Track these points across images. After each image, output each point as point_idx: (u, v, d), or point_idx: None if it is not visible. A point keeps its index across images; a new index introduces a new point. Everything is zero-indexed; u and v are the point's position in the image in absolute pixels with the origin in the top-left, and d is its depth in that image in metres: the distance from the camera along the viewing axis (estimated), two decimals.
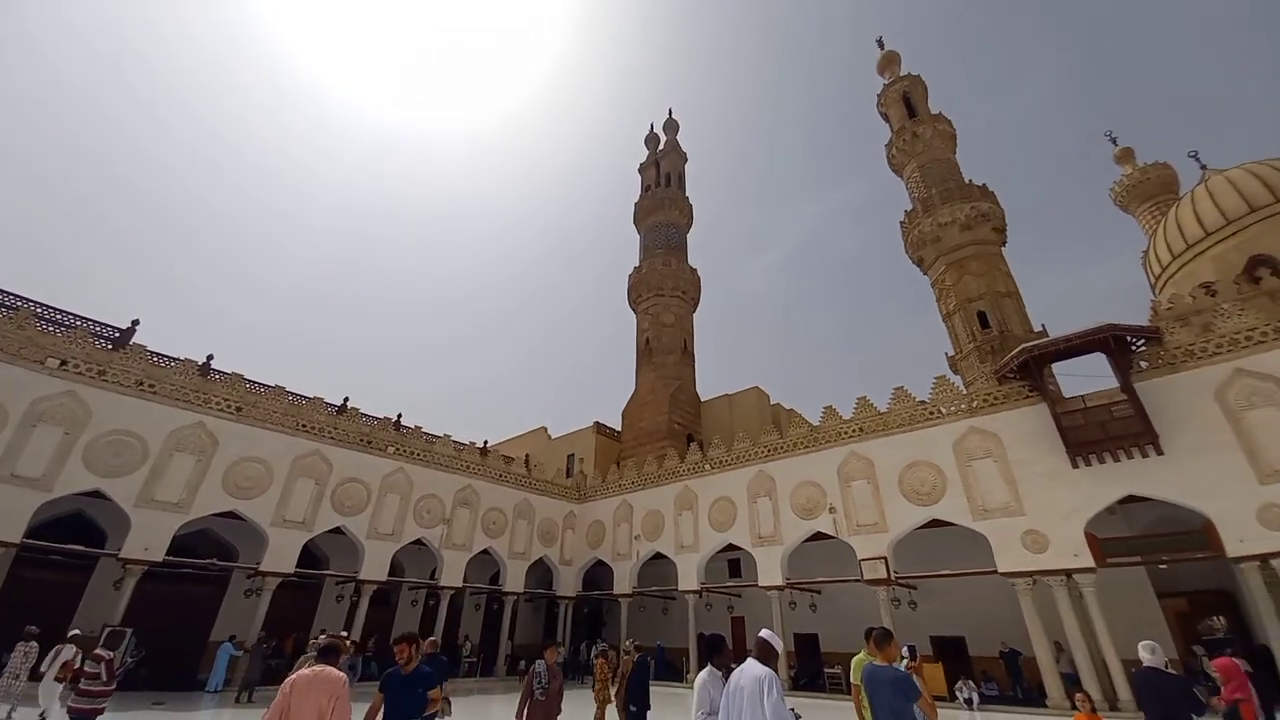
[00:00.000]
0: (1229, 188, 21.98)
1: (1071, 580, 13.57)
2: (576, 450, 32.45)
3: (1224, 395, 12.76)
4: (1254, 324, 12.95)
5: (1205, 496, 12.38)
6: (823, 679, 18.04)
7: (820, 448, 18.99)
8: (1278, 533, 11.44)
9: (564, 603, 24.29)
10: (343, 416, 19.65)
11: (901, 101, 32.89)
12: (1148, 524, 14.90)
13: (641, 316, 36.01)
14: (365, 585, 18.37)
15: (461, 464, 22.38)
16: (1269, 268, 18.52)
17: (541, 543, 24.11)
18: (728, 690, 3.30)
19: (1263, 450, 12.00)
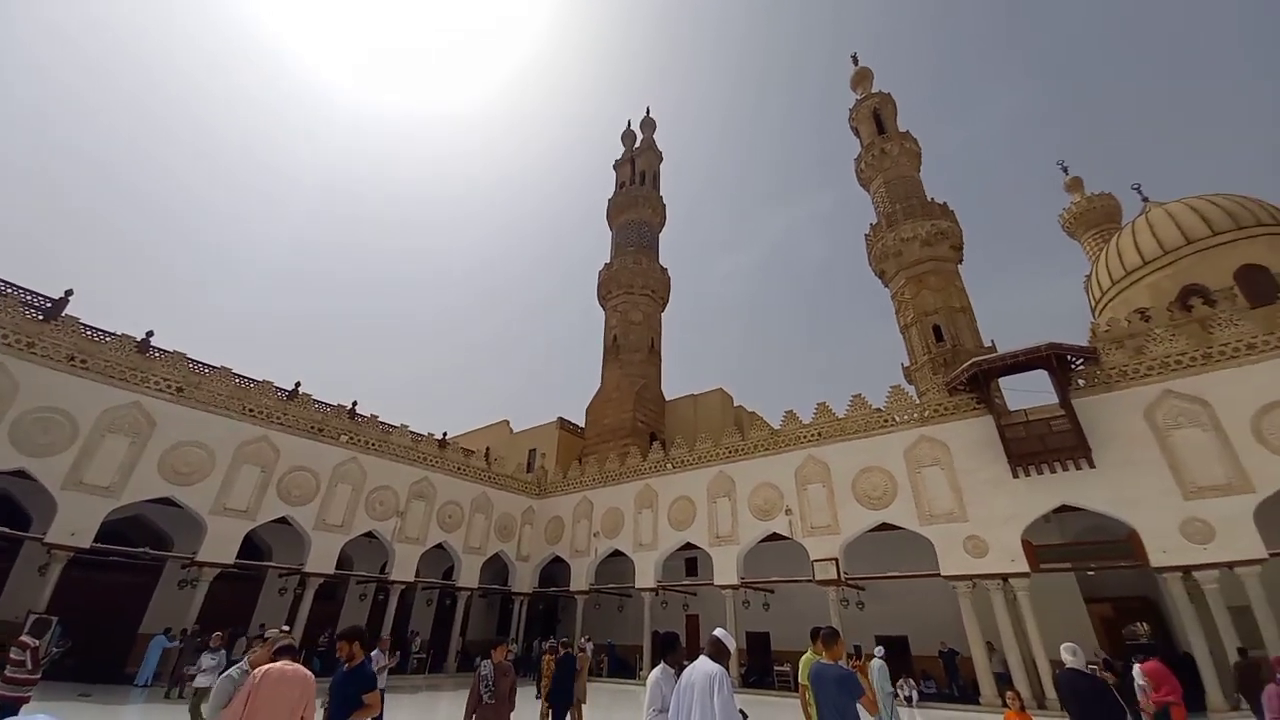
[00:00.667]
0: (1167, 220, 23.53)
1: (1008, 584, 14.28)
2: (539, 445, 32.14)
3: (1153, 414, 13.66)
4: (1183, 349, 13.91)
5: (1132, 508, 13.23)
6: (772, 676, 18.44)
7: (780, 450, 19.38)
8: (1199, 546, 12.31)
9: (519, 599, 24.03)
10: (293, 402, 18.88)
11: (872, 118, 33.86)
12: (1078, 533, 15.81)
13: (610, 313, 35.95)
14: (311, 578, 17.71)
15: (419, 455, 21.83)
16: (1200, 297, 19.92)
17: (499, 538, 23.78)
18: (679, 687, 3.33)
19: (1187, 467, 12.90)
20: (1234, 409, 12.74)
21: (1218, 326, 13.80)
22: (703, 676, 3.19)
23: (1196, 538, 12.34)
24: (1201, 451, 12.83)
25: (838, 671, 3.85)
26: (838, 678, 3.82)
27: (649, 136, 45.80)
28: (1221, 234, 21.66)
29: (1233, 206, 22.29)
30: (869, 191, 32.75)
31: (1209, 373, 13.34)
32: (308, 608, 17.30)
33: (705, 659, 3.33)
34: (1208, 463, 12.68)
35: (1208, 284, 20.63)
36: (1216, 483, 12.47)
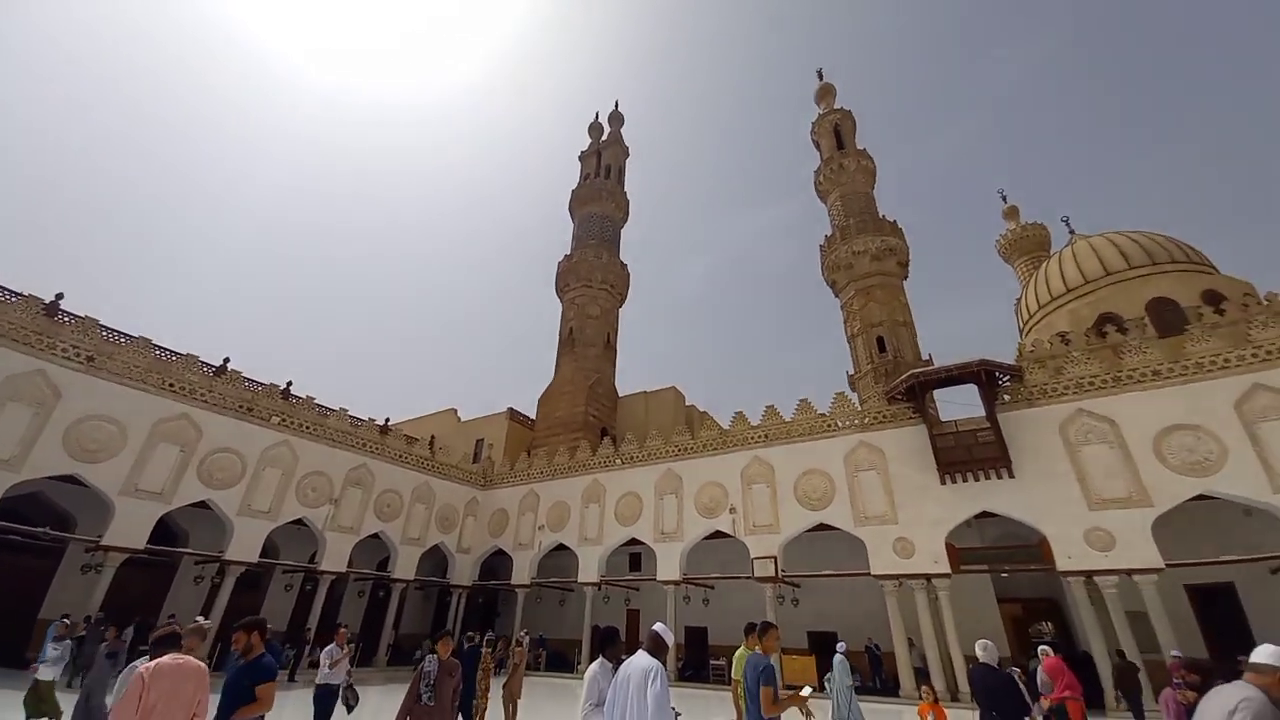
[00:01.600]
0: (1090, 252, 25.47)
1: (930, 584, 15.14)
2: (487, 435, 31.47)
3: (1066, 430, 14.79)
4: (1096, 372, 15.13)
5: (1043, 516, 14.29)
6: (708, 670, 18.83)
7: (728, 450, 19.76)
8: (1100, 553, 13.43)
9: (458, 592, 23.48)
10: (221, 379, 17.69)
11: (832, 132, 34.96)
12: (995, 538, 16.94)
13: (567, 306, 35.58)
14: (231, 566, 16.67)
15: (357, 441, 20.93)
16: (1115, 325, 21.66)
17: (439, 529, 23.14)
18: (615, 681, 3.33)
19: (1093, 480, 14.05)
20: (1138, 429, 13.97)
21: (1128, 353, 15.10)
22: (639, 671, 3.20)
23: (1099, 545, 13.47)
24: (1107, 466, 14.01)
25: (757, 660, 4.02)
26: (753, 664, 4.01)
27: (616, 130, 45.56)
28: (1137, 268, 23.65)
29: (1148, 243, 24.38)
30: (826, 204, 33.82)
31: (1118, 395, 14.56)
32: (227, 598, 16.28)
33: (643, 653, 3.35)
34: (1112, 477, 13.86)
35: (1122, 313, 22.48)
36: (1119, 496, 13.65)
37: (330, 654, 7.56)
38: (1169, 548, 13.06)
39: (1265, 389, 12.96)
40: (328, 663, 7.38)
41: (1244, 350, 13.58)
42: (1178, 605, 14.37)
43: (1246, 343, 13.67)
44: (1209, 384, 13.63)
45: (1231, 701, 1.93)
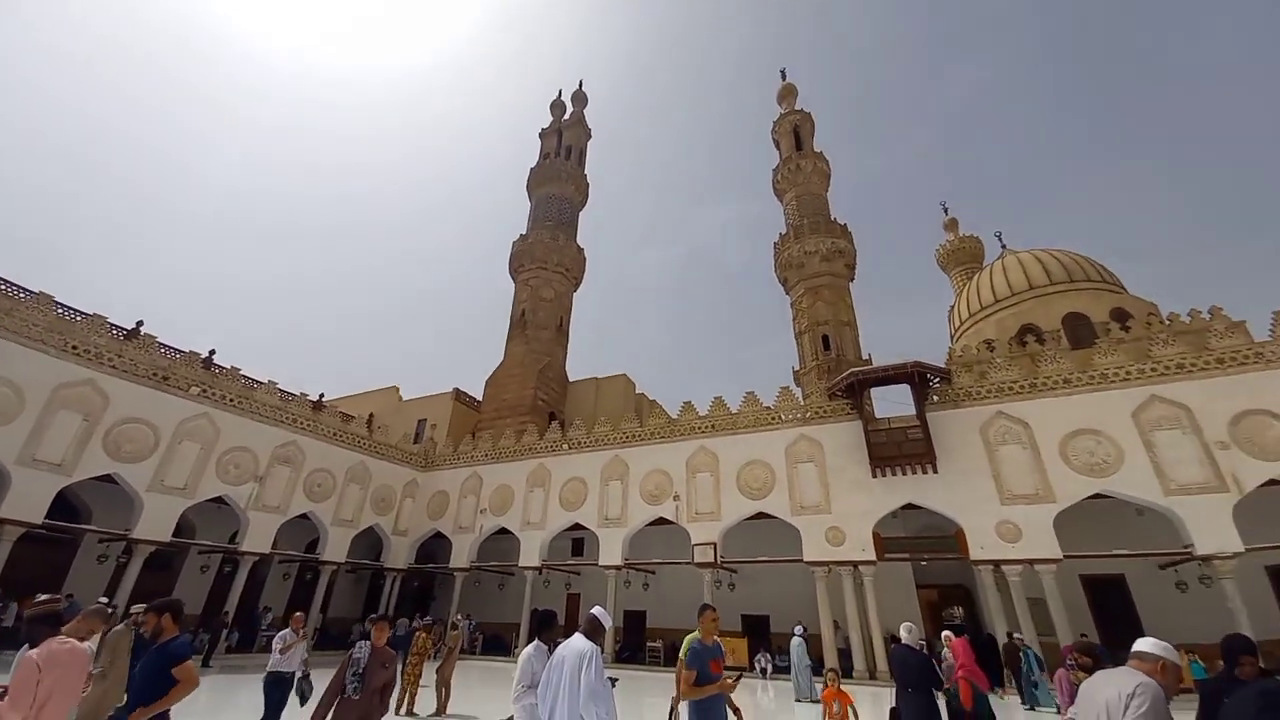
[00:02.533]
0: (1018, 266, 27.29)
1: (857, 570, 16.01)
2: (430, 415, 30.52)
3: (986, 431, 15.89)
4: (1015, 378, 16.30)
5: (961, 510, 15.36)
6: (644, 653, 19.21)
7: (675, 439, 20.05)
8: (1009, 544, 14.58)
9: (392, 575, 22.81)
10: (133, 343, 16.26)
11: (792, 133, 35.66)
12: (918, 529, 18.05)
13: (520, 287, 34.84)
14: (140, 545, 15.49)
15: (288, 416, 19.82)
16: (1034, 335, 23.41)
17: (375, 510, 22.33)
18: (550, 663, 3.33)
19: (1006, 478, 15.19)
20: (1048, 432, 15.19)
21: (1044, 362, 16.35)
22: (575, 653, 3.21)
23: (1007, 537, 14.62)
24: (1019, 465, 15.18)
25: (689, 641, 4.07)
26: (686, 643, 4.12)
27: (580, 111, 44.67)
28: (1057, 284, 25.56)
29: (1068, 261, 26.38)
30: (782, 203, 34.56)
31: (1033, 400, 15.76)
32: (134, 578, 15.13)
33: (579, 636, 3.35)
34: (1022, 475, 15.04)
35: (1041, 325, 24.29)
36: (1027, 492, 14.83)
37: (284, 638, 6.93)
38: (1068, 541, 14.33)
39: (1161, 400, 14.38)
40: (279, 648, 6.78)
41: (1144, 364, 14.98)
42: (1074, 594, 15.84)
43: (1147, 358, 15.09)
44: (1111, 393, 14.97)
45: (1129, 686, 2.13)
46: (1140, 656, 2.30)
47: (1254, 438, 13.26)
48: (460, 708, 9.86)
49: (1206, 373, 14.29)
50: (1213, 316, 16.11)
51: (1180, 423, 14.01)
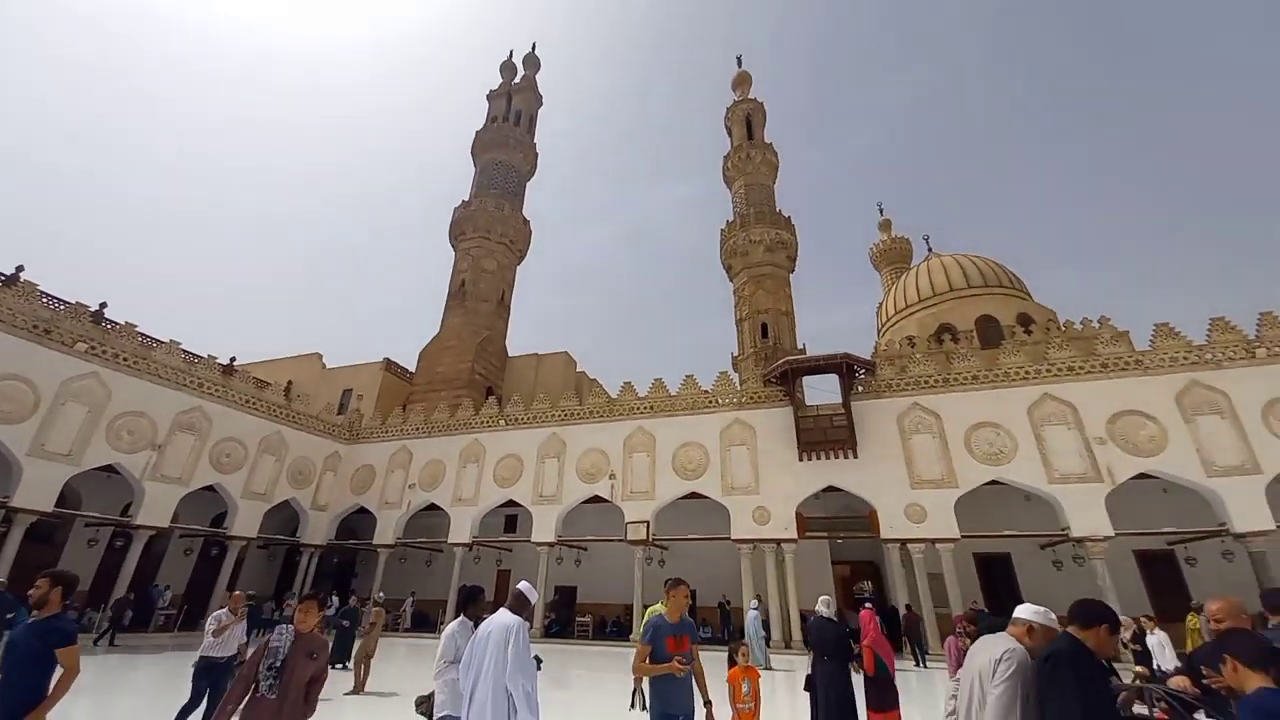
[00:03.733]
0: (940, 269, 29.18)
1: (780, 548, 16.89)
2: (356, 386, 29.01)
3: (902, 421, 17.06)
4: (930, 373, 17.54)
5: (875, 492, 16.49)
6: (573, 627, 19.48)
7: (614, 419, 20.16)
8: (915, 524, 15.82)
9: (309, 551, 21.71)
10: (11, 291, 14.31)
11: (744, 121, 36.02)
12: (836, 509, 19.20)
13: (461, 256, 33.47)
14: (19, 515, 13.88)
15: (193, 380, 18.21)
16: (950, 334, 25.22)
17: (292, 484, 21.07)
18: (474, 638, 3.28)
19: (917, 464, 16.42)
20: (955, 423, 16.50)
21: (956, 359, 17.68)
22: (500, 628, 3.18)
23: (914, 518, 15.87)
24: (928, 453, 16.45)
25: (649, 617, 4.00)
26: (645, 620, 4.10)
27: (531, 76, 42.94)
28: (973, 288, 27.59)
29: (984, 267, 28.49)
30: (730, 190, 35.01)
31: (944, 394, 17.04)
32: (14, 550, 13.58)
33: (505, 611, 3.32)
34: (930, 462, 16.31)
35: (957, 325, 26.19)
36: (934, 478, 16.12)
37: (218, 619, 6.08)
38: (965, 522, 15.74)
39: (1052, 399, 15.94)
40: (212, 629, 5.98)
41: (1041, 366, 16.53)
42: (967, 570, 17.47)
43: (1044, 360, 16.64)
44: (1011, 391, 16.44)
45: (997, 651, 2.38)
46: (1015, 622, 2.56)
47: (1128, 435, 15.01)
48: (380, 685, 9.62)
49: (1092, 375, 15.96)
50: (1101, 326, 17.94)
51: (1066, 419, 15.63)
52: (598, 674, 12.66)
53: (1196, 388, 14.89)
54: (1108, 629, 2.27)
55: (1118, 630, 2.37)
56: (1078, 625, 2.30)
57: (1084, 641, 2.23)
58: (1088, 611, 2.33)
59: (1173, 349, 15.51)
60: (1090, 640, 2.24)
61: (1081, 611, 2.35)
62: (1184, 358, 15.31)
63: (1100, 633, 2.25)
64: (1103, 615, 2.30)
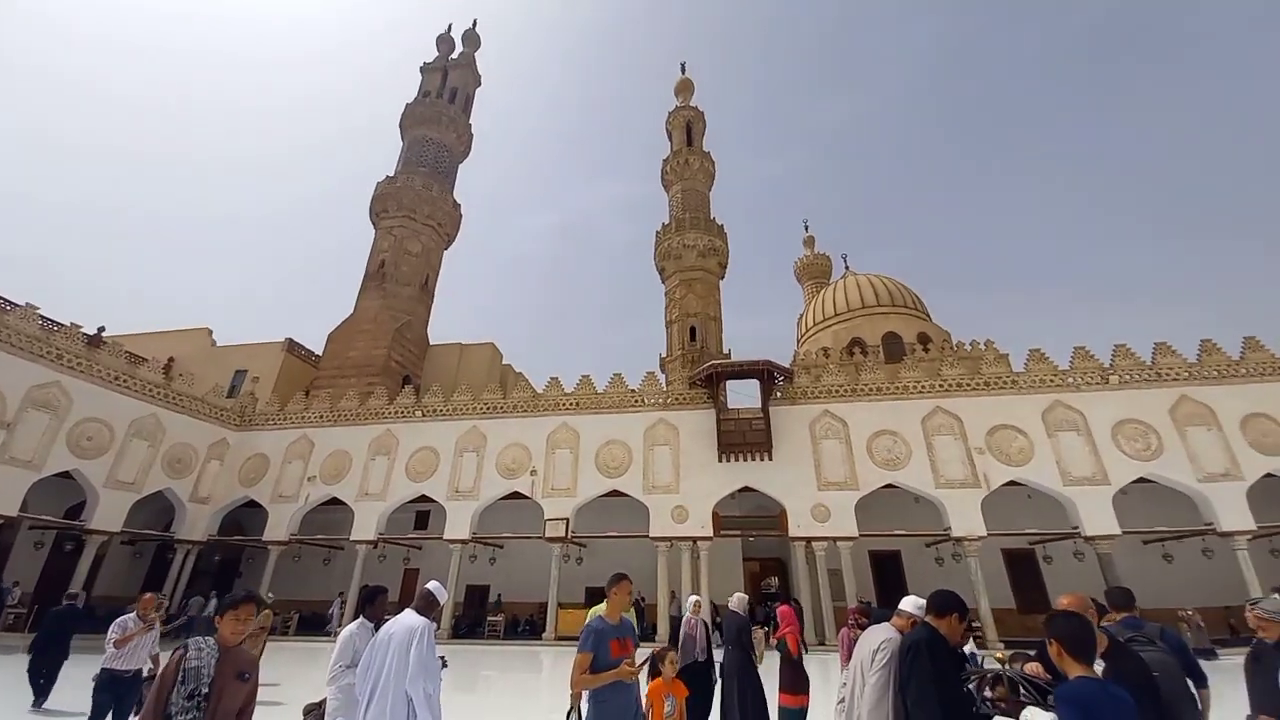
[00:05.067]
0: (854, 287, 31.28)
1: (696, 545, 17.37)
2: (252, 367, 26.47)
3: (814, 427, 18.11)
4: (841, 382, 18.75)
5: (786, 493, 17.38)
6: (484, 627, 18.93)
7: (538, 414, 19.81)
8: (820, 524, 16.82)
9: (186, 548, 19.54)
10: None
11: (684, 127, 36.68)
12: (750, 509, 20.03)
13: (382, 235, 31.48)
14: None
15: (50, 350, 15.86)
16: (860, 348, 27.10)
17: (167, 472, 18.88)
18: (374, 641, 3.09)
19: (825, 468, 17.48)
20: (860, 430, 17.74)
21: (864, 372, 19.03)
22: (404, 630, 3.02)
23: (819, 518, 16.89)
24: (835, 457, 17.57)
25: (589, 621, 3.69)
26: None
27: (470, 53, 41.21)
28: (882, 306, 29.84)
29: (893, 287, 30.88)
30: (668, 194, 35.52)
31: (852, 403, 18.27)
32: None
33: (410, 612, 3.16)
34: (836, 465, 17.43)
35: (867, 340, 28.22)
36: (838, 480, 17.24)
37: (122, 626, 5.12)
38: (863, 522, 16.97)
39: (942, 411, 17.55)
40: (114, 639, 5.02)
41: (935, 381, 18.15)
42: (862, 566, 18.83)
43: (937, 376, 18.29)
44: (908, 403, 17.93)
45: (876, 641, 2.59)
46: (899, 614, 2.80)
47: (1003, 447, 16.84)
48: (267, 693, 8.84)
49: (976, 392, 17.75)
50: (986, 348, 19.98)
51: (953, 430, 17.28)
52: (506, 674, 12.41)
53: (1059, 407, 16.98)
54: (957, 617, 2.54)
55: (966, 617, 2.66)
56: (934, 614, 2.55)
57: (938, 629, 2.48)
58: (941, 601, 2.59)
59: (1041, 372, 17.60)
60: (943, 628, 2.49)
61: (936, 601, 2.60)
62: (1050, 380, 17.41)
63: (952, 620, 2.51)
64: (953, 605, 2.56)
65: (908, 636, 2.47)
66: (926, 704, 2.21)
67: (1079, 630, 2.10)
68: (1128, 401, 16.71)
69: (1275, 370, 16.39)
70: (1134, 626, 3.17)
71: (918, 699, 2.24)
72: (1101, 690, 1.91)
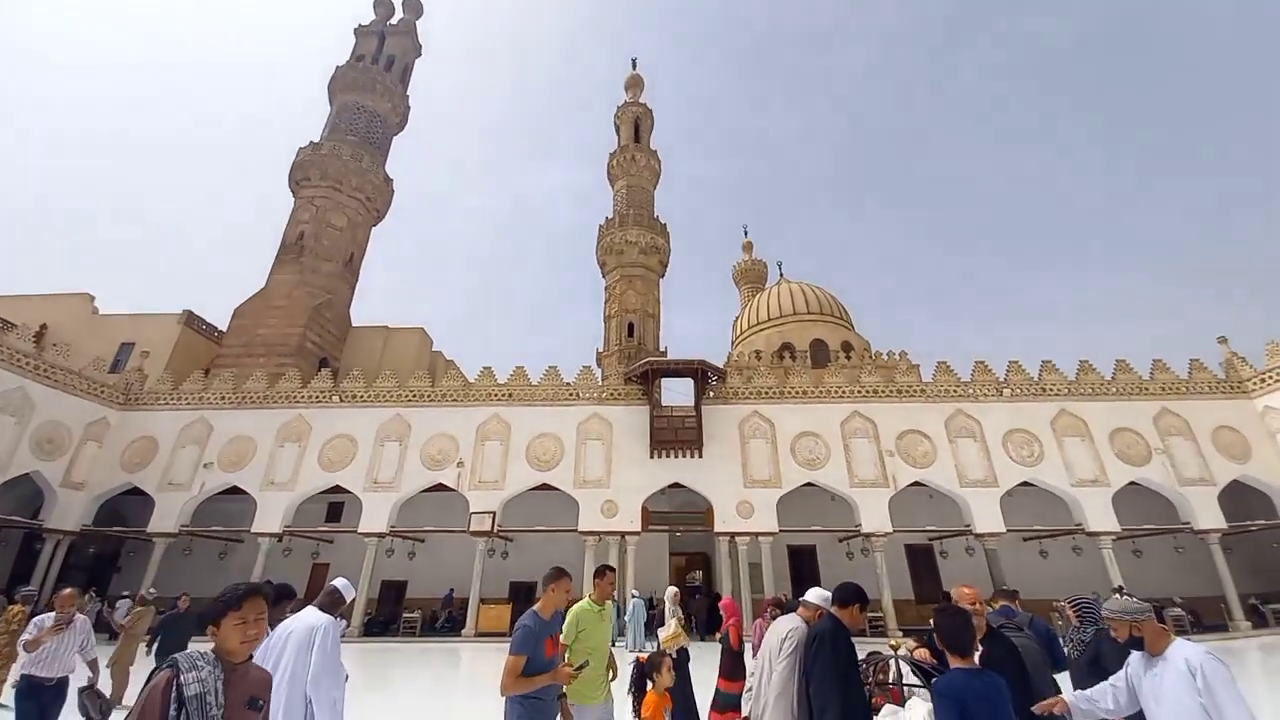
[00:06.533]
0: (787, 294, 32.59)
1: (624, 540, 17.49)
2: (142, 340, 23.83)
3: (743, 426, 18.72)
4: (771, 384, 19.49)
5: (714, 490, 17.87)
6: (399, 624, 18.12)
7: (468, 404, 19.18)
8: (744, 519, 17.41)
9: (57, 538, 17.34)
10: None
11: (632, 123, 36.68)
12: (678, 504, 20.43)
13: (302, 205, 29.24)
14: None
15: None
16: (790, 352, 28.27)
17: (36, 453, 16.68)
18: (269, 641, 2.86)
19: (751, 466, 18.11)
20: (785, 431, 18.53)
21: (792, 375, 19.89)
22: (304, 627, 2.82)
23: (744, 514, 17.50)
24: (761, 456, 18.25)
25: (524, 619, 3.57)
26: None
27: (412, 20, 39.05)
28: (811, 314, 31.28)
29: (822, 296, 32.45)
30: (613, 188, 35.40)
31: (779, 404, 19.04)
32: None
33: (312, 610, 2.96)
34: (762, 464, 18.12)
35: (796, 345, 29.49)
36: (763, 478, 17.93)
37: (38, 625, 4.49)
38: (783, 518, 17.75)
39: (859, 416, 18.66)
40: (27, 637, 4.32)
41: (854, 387, 19.26)
42: (781, 560, 19.71)
43: (857, 382, 19.42)
44: (830, 406, 18.93)
45: (784, 630, 2.73)
46: (805, 605, 2.97)
47: (910, 450, 18.14)
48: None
49: (890, 399, 19.02)
50: (901, 358, 21.42)
51: (868, 433, 18.43)
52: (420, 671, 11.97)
53: (960, 415, 18.53)
54: (859, 607, 2.75)
55: (866, 608, 2.87)
56: (838, 605, 2.74)
57: (841, 619, 2.67)
58: (844, 594, 2.79)
59: (947, 383, 19.13)
60: (846, 618, 2.68)
61: (839, 594, 2.80)
62: (954, 391, 18.96)
63: (853, 610, 2.71)
64: (855, 596, 2.77)
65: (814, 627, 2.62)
66: (826, 688, 2.36)
67: (956, 624, 2.30)
68: (1017, 413, 18.51)
69: (1141, 390, 18.74)
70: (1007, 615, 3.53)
71: (819, 684, 2.38)
72: (975, 680, 2.11)
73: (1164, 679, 2.28)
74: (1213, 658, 2.25)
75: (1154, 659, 2.36)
